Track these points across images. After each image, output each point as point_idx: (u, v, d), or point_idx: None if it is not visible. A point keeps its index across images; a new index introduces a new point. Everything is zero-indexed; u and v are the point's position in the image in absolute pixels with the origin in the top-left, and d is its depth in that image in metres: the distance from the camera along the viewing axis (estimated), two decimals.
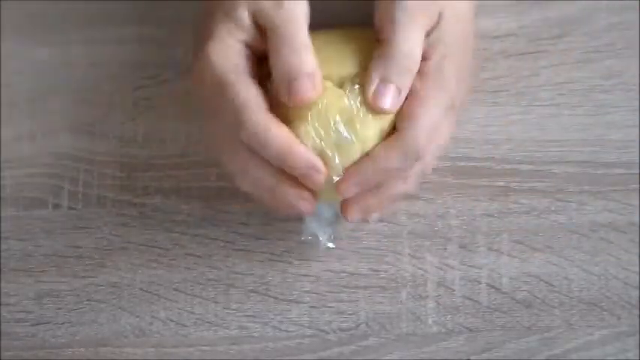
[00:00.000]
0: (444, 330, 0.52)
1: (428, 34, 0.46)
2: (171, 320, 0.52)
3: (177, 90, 0.55)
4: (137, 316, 0.53)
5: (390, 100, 0.45)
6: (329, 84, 0.46)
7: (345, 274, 0.53)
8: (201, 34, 0.47)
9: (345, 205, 0.47)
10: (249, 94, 0.45)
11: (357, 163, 0.46)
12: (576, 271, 0.52)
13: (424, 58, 0.46)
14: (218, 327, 0.52)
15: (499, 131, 0.54)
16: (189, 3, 0.55)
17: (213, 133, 0.48)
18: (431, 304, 0.52)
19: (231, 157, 0.47)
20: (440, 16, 0.46)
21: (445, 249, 0.53)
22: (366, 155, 0.46)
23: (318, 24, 0.47)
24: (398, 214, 0.53)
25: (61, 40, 0.57)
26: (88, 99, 0.56)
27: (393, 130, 0.46)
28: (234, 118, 0.45)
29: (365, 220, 0.52)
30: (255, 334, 0.52)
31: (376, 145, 0.46)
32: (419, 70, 0.46)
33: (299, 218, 0.50)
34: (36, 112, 0.56)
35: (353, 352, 0.52)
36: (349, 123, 0.45)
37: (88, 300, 0.53)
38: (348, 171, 0.46)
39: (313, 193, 0.46)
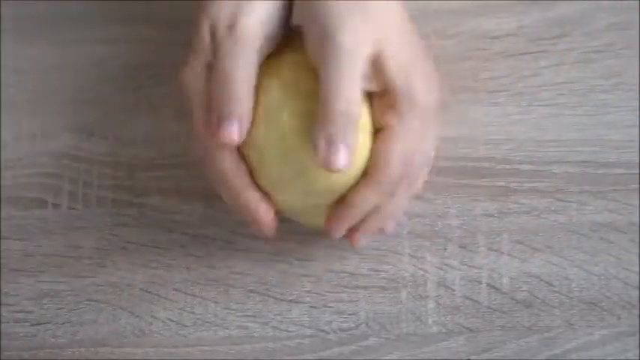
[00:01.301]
0: (444, 330, 0.52)
1: (373, 62, 0.44)
2: (172, 320, 0.52)
3: (177, 90, 0.55)
4: (137, 316, 0.53)
5: (342, 160, 0.43)
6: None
7: (345, 274, 0.53)
8: None
9: (347, 236, 0.49)
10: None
11: (336, 211, 0.47)
12: (576, 271, 0.52)
13: (380, 86, 0.44)
14: (218, 327, 0.52)
15: (499, 131, 0.54)
16: (189, 3, 0.55)
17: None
18: (431, 304, 0.52)
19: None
20: (380, 41, 0.44)
21: (445, 249, 0.53)
22: (343, 201, 0.46)
23: None
24: None
25: (61, 40, 0.57)
26: (88, 99, 0.56)
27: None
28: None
29: (380, 233, 0.51)
30: (255, 334, 0.52)
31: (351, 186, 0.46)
32: (379, 101, 0.45)
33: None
34: (36, 112, 0.56)
35: (353, 352, 0.52)
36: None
37: (88, 300, 0.53)
38: (331, 220, 0.47)
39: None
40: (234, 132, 0.45)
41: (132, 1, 0.57)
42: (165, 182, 0.54)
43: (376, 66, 0.44)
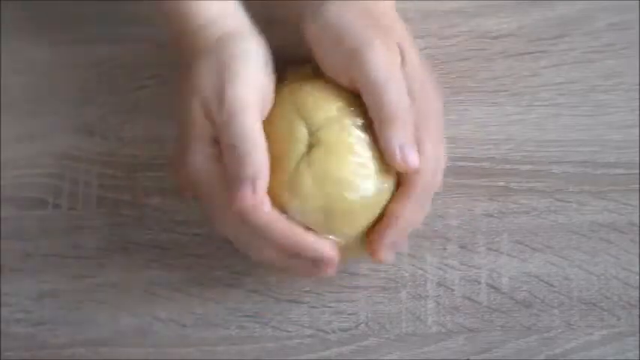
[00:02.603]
0: (443, 330, 0.52)
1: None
2: (172, 320, 0.52)
3: (177, 90, 0.55)
4: (137, 316, 0.53)
5: (415, 157, 0.45)
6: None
7: (345, 274, 0.53)
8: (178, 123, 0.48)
9: (373, 252, 0.47)
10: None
11: (380, 229, 0.46)
12: (576, 271, 0.52)
13: None
14: (218, 327, 0.52)
15: (499, 131, 0.54)
16: None
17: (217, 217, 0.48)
18: (431, 304, 0.52)
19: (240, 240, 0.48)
20: (400, 47, 0.46)
21: (445, 249, 0.53)
22: (384, 218, 0.46)
23: None
24: None
25: (61, 40, 0.57)
26: (88, 99, 0.56)
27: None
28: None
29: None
30: (255, 334, 0.52)
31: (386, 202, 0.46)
32: None
33: None
34: (36, 112, 0.56)
35: (353, 352, 0.52)
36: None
37: (88, 300, 0.53)
38: (375, 240, 0.46)
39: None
40: (247, 196, 0.44)
41: (132, 1, 0.56)
42: (165, 182, 0.54)
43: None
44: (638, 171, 0.53)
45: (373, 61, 0.45)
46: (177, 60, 0.55)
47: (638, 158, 0.53)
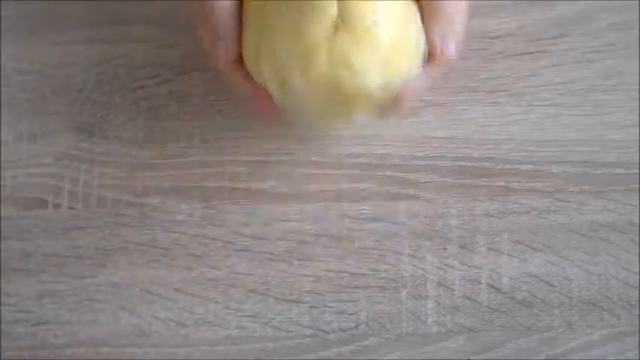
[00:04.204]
0: (444, 330, 0.52)
1: None
2: (172, 320, 0.52)
3: (177, 90, 0.55)
4: (137, 316, 0.53)
5: (453, 47, 0.47)
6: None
7: (345, 274, 0.53)
8: None
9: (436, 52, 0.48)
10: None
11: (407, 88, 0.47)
12: (576, 271, 0.52)
13: None
14: (218, 327, 0.52)
15: (499, 131, 0.54)
16: (188, 3, 0.55)
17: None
18: (431, 304, 0.52)
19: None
20: None
21: (445, 249, 0.53)
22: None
23: None
24: (398, 214, 0.53)
25: (61, 40, 0.57)
26: (88, 99, 0.56)
27: None
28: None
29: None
30: (255, 334, 0.52)
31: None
32: None
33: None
34: (36, 112, 0.56)
35: (353, 352, 0.52)
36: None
37: (88, 300, 0.53)
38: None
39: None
40: (219, 55, 0.47)
41: (132, 1, 0.57)
42: (166, 182, 0.54)
43: None
44: (638, 171, 0.53)
45: None
46: (176, 60, 0.56)
47: (638, 158, 0.53)
